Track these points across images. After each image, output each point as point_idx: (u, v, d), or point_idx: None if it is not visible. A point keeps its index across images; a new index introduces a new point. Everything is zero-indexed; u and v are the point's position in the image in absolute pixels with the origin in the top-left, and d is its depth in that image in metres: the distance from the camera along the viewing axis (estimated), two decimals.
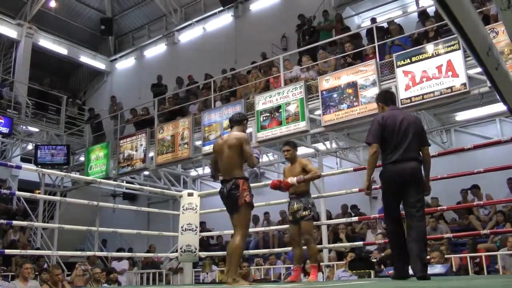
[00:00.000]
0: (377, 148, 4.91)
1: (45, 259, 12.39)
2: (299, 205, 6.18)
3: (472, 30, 1.52)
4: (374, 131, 4.95)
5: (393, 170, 4.88)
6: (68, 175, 9.87)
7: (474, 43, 1.59)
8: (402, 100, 9.09)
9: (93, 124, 16.35)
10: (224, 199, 5.21)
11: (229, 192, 5.09)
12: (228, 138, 5.34)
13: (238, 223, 5.14)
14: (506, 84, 2.02)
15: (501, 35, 8.11)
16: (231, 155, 5.21)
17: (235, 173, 5.17)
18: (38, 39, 19.38)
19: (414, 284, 3.92)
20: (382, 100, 5.34)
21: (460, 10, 1.40)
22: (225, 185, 5.16)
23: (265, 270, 11.00)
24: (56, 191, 15.67)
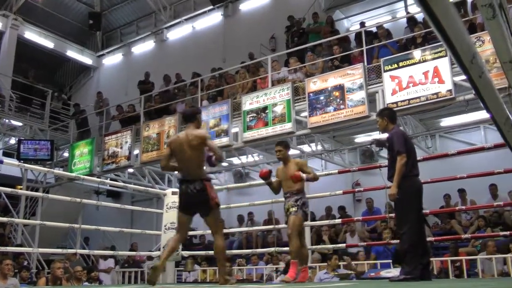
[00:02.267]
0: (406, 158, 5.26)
1: (25, 256, 12.27)
2: (290, 203, 6.19)
3: (457, 38, 1.54)
4: (403, 142, 5.32)
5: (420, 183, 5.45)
6: (51, 171, 9.79)
7: (458, 51, 1.60)
8: (388, 105, 9.13)
9: (78, 120, 16.25)
10: (190, 199, 5.16)
11: (197, 194, 5.08)
12: (188, 136, 5.22)
13: (214, 224, 5.23)
14: (489, 92, 2.04)
15: (487, 44, 8.17)
16: (194, 155, 5.17)
17: (200, 174, 5.19)
18: (23, 31, 19.17)
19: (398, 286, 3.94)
20: (391, 117, 5.68)
21: (445, 18, 1.41)
22: (189, 185, 5.13)
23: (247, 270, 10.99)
24: (39, 187, 15.55)
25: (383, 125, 5.66)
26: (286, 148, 6.52)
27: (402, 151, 5.25)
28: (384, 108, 6.67)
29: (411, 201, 5.27)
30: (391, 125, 5.59)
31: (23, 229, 14.37)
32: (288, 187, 6.27)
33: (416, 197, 5.35)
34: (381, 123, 5.67)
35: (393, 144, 5.38)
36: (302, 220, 6.20)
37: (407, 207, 5.27)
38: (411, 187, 5.30)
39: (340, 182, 11.65)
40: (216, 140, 11.01)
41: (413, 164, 5.37)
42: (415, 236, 5.17)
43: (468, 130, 11.87)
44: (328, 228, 11.27)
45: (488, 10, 1.64)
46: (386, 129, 5.65)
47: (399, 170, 5.24)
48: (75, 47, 21.93)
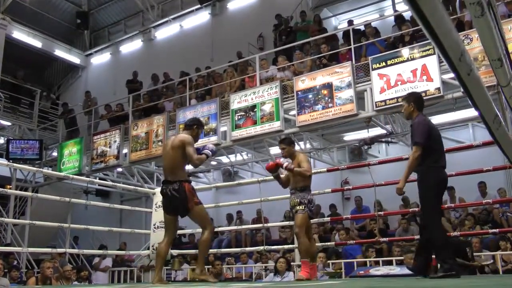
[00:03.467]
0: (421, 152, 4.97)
1: (15, 256, 12.20)
2: (296, 200, 6.04)
3: (445, 36, 1.54)
4: (425, 133, 5.00)
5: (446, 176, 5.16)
6: (40, 171, 9.75)
7: (447, 49, 1.61)
8: (376, 103, 9.18)
9: (67, 119, 16.18)
10: (168, 200, 5.30)
11: (174, 195, 5.19)
12: (173, 139, 5.47)
13: (198, 220, 5.37)
14: (478, 89, 2.05)
15: (475, 42, 8.22)
16: (174, 156, 5.31)
17: (179, 175, 5.29)
18: (11, 30, 19.01)
19: (388, 284, 3.96)
20: (418, 103, 5.34)
21: (433, 16, 1.42)
22: (168, 186, 5.26)
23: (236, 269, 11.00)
24: (28, 187, 15.47)
25: (408, 110, 5.33)
26: (290, 144, 6.37)
27: (420, 143, 4.95)
28: (411, 93, 6.07)
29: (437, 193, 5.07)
30: (417, 112, 5.26)
31: (13, 228, 14.30)
32: (294, 183, 6.17)
33: (440, 189, 5.16)
34: (406, 108, 5.35)
35: (413, 134, 5.09)
36: (308, 218, 6.09)
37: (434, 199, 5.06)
38: (436, 178, 5.02)
39: (329, 181, 11.68)
40: (204, 139, 10.99)
41: (440, 155, 5.09)
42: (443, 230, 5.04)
43: (457, 128, 11.95)
44: (317, 226, 11.30)
45: (476, 8, 1.65)
46: (410, 115, 5.34)
47: (410, 163, 5.01)
48: (63, 46, 21.79)
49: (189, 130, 5.55)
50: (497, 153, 5.49)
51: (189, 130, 5.54)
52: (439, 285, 3.67)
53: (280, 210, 11.76)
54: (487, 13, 1.72)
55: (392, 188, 8.28)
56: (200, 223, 5.37)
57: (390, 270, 6.92)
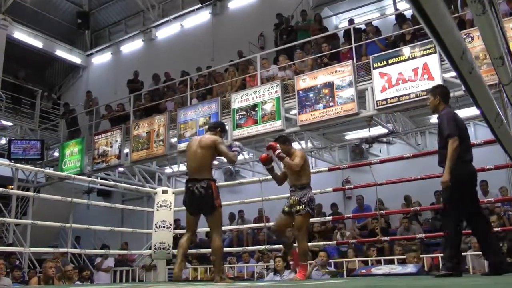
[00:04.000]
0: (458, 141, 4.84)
1: (17, 256, 12.21)
2: (296, 199, 5.91)
3: (446, 34, 1.55)
4: (454, 125, 4.90)
5: (474, 170, 5.07)
6: (42, 171, 9.76)
7: (448, 47, 1.61)
8: (378, 102, 9.17)
9: (68, 119, 16.20)
10: (193, 198, 5.29)
11: (202, 193, 5.20)
12: (201, 138, 5.53)
13: (214, 224, 5.36)
14: (479, 88, 2.05)
15: (476, 40, 8.21)
16: (203, 155, 5.35)
17: (207, 174, 5.32)
18: (12, 31, 19.03)
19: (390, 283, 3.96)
20: (444, 96, 5.26)
21: (435, 14, 1.42)
22: (195, 184, 5.26)
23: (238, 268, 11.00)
24: (30, 187, 15.50)
25: (434, 103, 5.24)
26: (284, 143, 6.22)
27: (453, 134, 4.83)
28: (437, 85, 5.92)
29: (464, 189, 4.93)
30: (443, 105, 5.18)
31: (15, 228, 14.33)
32: (293, 181, 6.05)
33: (469, 185, 5.01)
34: (432, 101, 5.27)
35: (443, 127, 4.95)
36: (308, 219, 6.02)
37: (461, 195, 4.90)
38: (464, 173, 4.93)
39: (330, 180, 11.67)
40: None
41: (466, 148, 4.99)
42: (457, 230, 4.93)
43: None
44: (319, 225, 11.30)
45: (477, 6, 1.65)
46: (436, 109, 5.24)
47: (451, 155, 4.81)
48: (64, 46, 21.79)
49: (213, 132, 5.63)
50: (499, 152, 5.50)
51: (213, 132, 5.62)
52: (440, 284, 3.67)
53: (281, 209, 11.75)
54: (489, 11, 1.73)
55: (393, 187, 8.32)
56: (214, 226, 5.37)
57: (392, 269, 6.90)
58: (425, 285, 3.40)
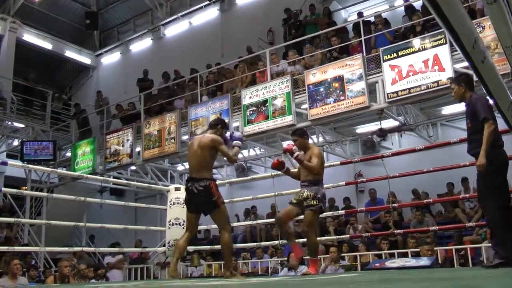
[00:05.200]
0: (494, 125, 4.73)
1: (32, 256, 12.31)
2: (309, 193, 5.80)
3: (458, 23, 1.54)
4: (490, 109, 4.75)
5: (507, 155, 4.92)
6: (55, 171, 9.81)
7: (460, 36, 1.60)
8: (388, 94, 9.14)
9: (79, 120, 16.28)
10: (193, 197, 5.37)
11: (201, 192, 5.27)
12: (201, 138, 5.55)
13: (219, 222, 5.45)
14: (492, 77, 2.04)
15: (487, 30, 8.15)
16: (202, 155, 5.39)
17: (206, 174, 5.38)
18: (22, 33, 19.17)
19: (405, 276, 3.95)
20: (469, 83, 5.13)
21: (446, 3, 1.42)
22: (194, 183, 5.33)
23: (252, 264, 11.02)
24: (43, 187, 15.60)
25: (459, 93, 5.13)
26: (302, 136, 6.16)
27: (489, 117, 4.69)
28: (460, 73, 5.77)
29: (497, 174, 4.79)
30: (469, 92, 5.06)
31: (30, 229, 14.44)
32: (305, 176, 5.96)
33: (503, 170, 4.85)
34: (457, 90, 5.15)
35: (477, 111, 4.80)
36: (318, 215, 5.95)
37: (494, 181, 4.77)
38: (497, 158, 4.79)
39: (343, 174, 11.64)
40: None
41: (499, 133, 4.87)
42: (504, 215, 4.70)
43: None
44: (332, 220, 11.30)
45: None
46: (463, 97, 5.14)
47: (487, 139, 4.66)
48: (73, 47, 21.90)
49: (213, 129, 5.63)
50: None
51: (214, 130, 5.62)
52: (456, 276, 3.66)
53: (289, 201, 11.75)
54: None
55: (406, 179, 8.29)
56: (221, 223, 5.44)
57: (406, 262, 6.89)
58: (440, 278, 3.39)
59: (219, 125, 5.67)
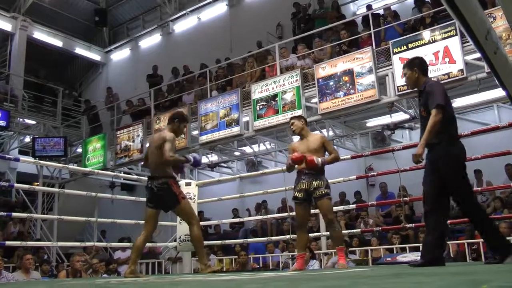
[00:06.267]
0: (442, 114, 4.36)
1: (45, 251, 12.41)
2: (320, 182, 5.68)
3: (470, 14, 1.52)
4: (445, 96, 4.45)
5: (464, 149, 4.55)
6: (66, 167, 9.86)
7: (472, 27, 1.58)
8: (398, 87, 9.09)
9: (90, 116, 16.35)
10: (152, 195, 5.48)
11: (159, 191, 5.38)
12: (156, 136, 5.65)
13: (184, 216, 5.61)
14: (505, 68, 2.01)
15: (499, 20, 8.08)
16: (158, 153, 5.42)
17: (163, 172, 5.45)
18: (32, 31, 19.28)
19: (417, 270, 3.94)
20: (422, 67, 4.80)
21: None
22: (153, 181, 5.45)
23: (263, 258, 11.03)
24: (55, 183, 15.69)
25: (412, 78, 4.78)
26: (299, 119, 6.07)
27: (441, 105, 4.35)
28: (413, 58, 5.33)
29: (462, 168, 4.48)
30: (423, 77, 4.73)
31: (42, 224, 14.54)
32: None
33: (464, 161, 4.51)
34: (410, 75, 4.79)
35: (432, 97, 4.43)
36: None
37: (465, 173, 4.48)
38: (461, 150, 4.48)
39: (353, 168, 11.63)
40: (227, 130, 11.07)
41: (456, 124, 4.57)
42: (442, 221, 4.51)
43: (481, 110, 11.77)
44: (343, 214, 11.29)
45: None
46: (416, 83, 4.79)
47: (431, 126, 4.34)
48: (83, 44, 22.00)
49: (170, 124, 5.71)
50: None
51: (170, 124, 5.69)
52: (468, 270, 3.64)
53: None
54: None
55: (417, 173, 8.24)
56: (186, 218, 5.56)
57: (417, 256, 6.86)
58: (452, 272, 3.38)
59: (176, 119, 5.70)
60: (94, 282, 4.80)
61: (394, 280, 2.62)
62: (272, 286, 2.77)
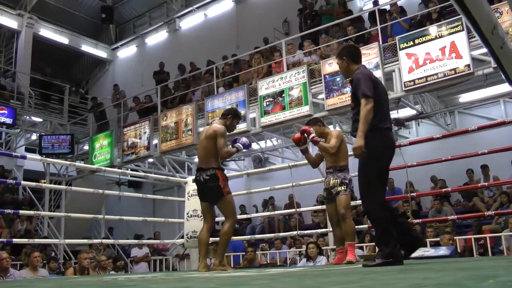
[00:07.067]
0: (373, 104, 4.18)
1: (52, 248, 12.45)
2: (336, 181, 5.78)
3: (476, 9, 1.52)
4: (370, 85, 4.23)
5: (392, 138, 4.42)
6: (73, 164, 9.92)
7: (478, 22, 1.58)
8: (405, 83, 9.08)
9: (96, 113, 16.38)
10: (200, 186, 5.45)
11: (207, 181, 5.34)
12: (208, 128, 5.62)
13: (224, 211, 5.49)
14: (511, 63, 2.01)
15: (505, 15, 8.06)
16: (208, 146, 5.44)
17: (212, 163, 5.40)
18: (39, 29, 19.33)
19: (424, 266, 3.93)
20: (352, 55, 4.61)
21: None
22: (201, 173, 5.41)
23: (270, 254, 11.04)
24: (62, 180, 15.74)
25: (343, 67, 4.63)
26: (316, 123, 6.07)
27: (368, 94, 4.16)
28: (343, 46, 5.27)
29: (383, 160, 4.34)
30: (354, 65, 4.54)
31: (49, 221, 14.58)
32: (331, 162, 5.90)
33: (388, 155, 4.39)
34: (340, 65, 4.66)
35: (359, 86, 4.25)
36: (350, 199, 5.90)
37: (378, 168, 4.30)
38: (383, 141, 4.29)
39: None
40: None
41: (385, 114, 4.38)
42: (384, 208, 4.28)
43: (488, 105, 11.75)
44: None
45: None
46: (348, 71, 4.60)
47: (364, 118, 4.14)
48: (89, 41, 22.03)
49: (223, 119, 5.66)
50: None
51: (223, 120, 5.65)
52: (476, 265, 3.63)
53: (312, 194, 11.74)
54: None
55: (424, 168, 8.24)
56: (226, 212, 5.47)
57: (425, 252, 6.85)
58: (460, 267, 3.37)
59: (229, 115, 5.69)
60: (102, 279, 4.81)
61: (401, 276, 2.63)
62: (280, 282, 2.78)
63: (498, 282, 1.77)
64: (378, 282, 2.27)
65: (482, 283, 1.79)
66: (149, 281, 3.58)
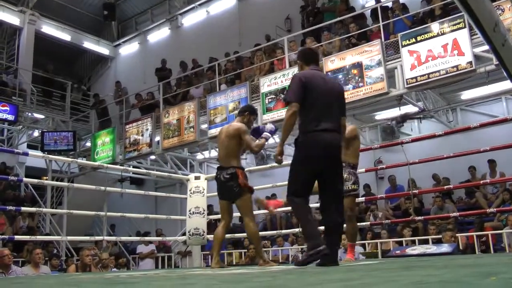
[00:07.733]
0: (297, 108, 4.20)
1: (54, 245, 12.48)
2: (349, 176, 5.64)
3: (478, 6, 1.51)
4: (296, 89, 4.23)
5: (326, 139, 4.26)
6: (75, 161, 9.90)
7: (480, 19, 1.58)
8: (407, 80, 9.07)
9: (99, 110, 16.38)
10: (220, 185, 5.46)
11: (227, 180, 5.34)
12: (228, 127, 5.63)
13: (243, 210, 5.46)
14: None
15: (507, 12, 8.05)
16: (228, 144, 5.45)
17: (232, 162, 5.42)
18: (40, 25, 19.32)
19: (426, 263, 3.93)
20: (304, 57, 4.63)
21: None
22: (222, 172, 5.43)
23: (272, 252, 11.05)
24: (64, 177, 15.75)
25: (298, 69, 4.70)
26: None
27: (290, 99, 4.22)
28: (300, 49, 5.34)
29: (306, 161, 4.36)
30: (306, 67, 4.53)
31: (51, 218, 14.62)
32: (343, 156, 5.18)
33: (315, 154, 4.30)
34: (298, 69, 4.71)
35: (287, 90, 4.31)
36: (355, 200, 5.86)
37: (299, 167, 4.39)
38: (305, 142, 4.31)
39: (362, 160, 11.43)
40: None
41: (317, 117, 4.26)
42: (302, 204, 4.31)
43: (490, 102, 11.73)
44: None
45: None
46: None
47: (284, 124, 4.28)
48: (91, 38, 22.01)
49: (241, 116, 5.67)
50: None
51: (241, 117, 5.66)
52: (478, 262, 3.63)
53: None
54: None
55: (426, 165, 8.24)
56: (244, 212, 5.45)
57: (427, 249, 6.86)
58: (462, 264, 3.38)
59: (246, 112, 5.70)
60: (103, 276, 4.82)
61: (404, 273, 2.63)
62: (281, 279, 2.78)
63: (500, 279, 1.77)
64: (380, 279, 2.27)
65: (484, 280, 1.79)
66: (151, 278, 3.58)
